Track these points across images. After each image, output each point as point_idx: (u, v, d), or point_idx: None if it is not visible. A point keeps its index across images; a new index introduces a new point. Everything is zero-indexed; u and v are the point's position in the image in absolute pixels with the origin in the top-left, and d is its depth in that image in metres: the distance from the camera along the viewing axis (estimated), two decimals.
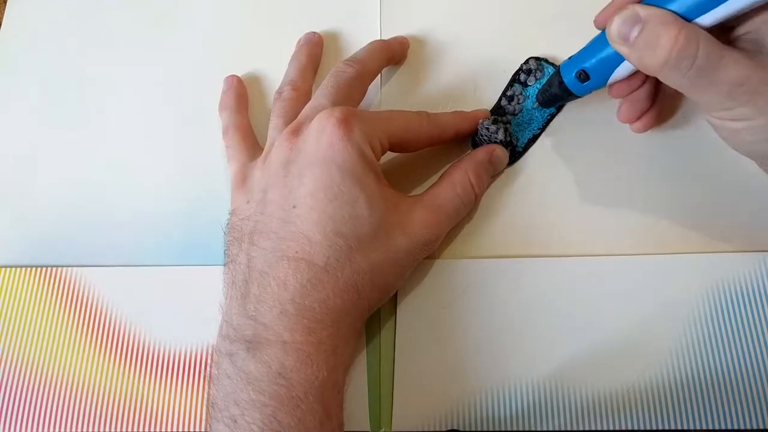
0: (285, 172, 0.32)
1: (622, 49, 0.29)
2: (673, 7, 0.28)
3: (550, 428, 0.32)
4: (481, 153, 0.36)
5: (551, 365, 0.33)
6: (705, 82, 0.27)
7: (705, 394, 0.32)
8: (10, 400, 0.35)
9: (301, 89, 0.38)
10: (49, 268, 0.37)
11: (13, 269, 0.37)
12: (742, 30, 0.28)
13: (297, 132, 0.33)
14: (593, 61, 0.32)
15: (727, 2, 0.27)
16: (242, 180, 0.35)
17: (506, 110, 0.38)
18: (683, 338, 0.33)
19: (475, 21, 0.42)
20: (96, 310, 0.36)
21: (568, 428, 0.32)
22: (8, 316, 0.36)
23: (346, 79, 0.36)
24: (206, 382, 0.34)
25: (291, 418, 0.27)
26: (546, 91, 0.35)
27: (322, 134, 0.31)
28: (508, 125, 0.37)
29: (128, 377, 0.35)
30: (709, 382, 0.32)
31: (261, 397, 0.28)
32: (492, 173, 0.36)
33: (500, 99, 0.39)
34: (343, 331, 0.30)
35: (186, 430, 0.34)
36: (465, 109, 0.38)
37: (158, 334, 0.36)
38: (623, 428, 0.32)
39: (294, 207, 0.31)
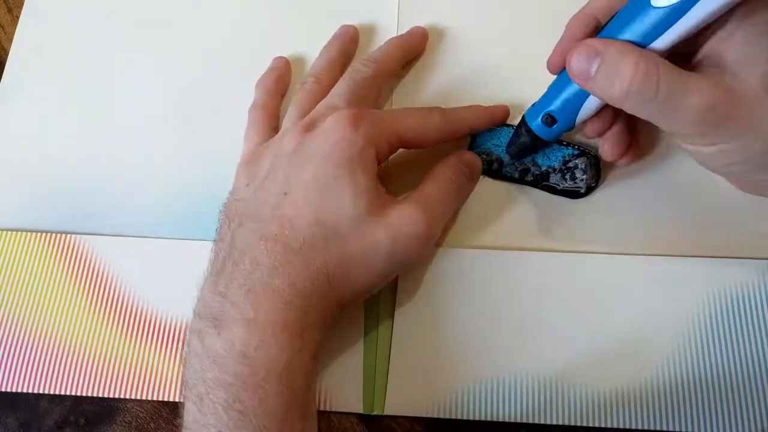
0: (288, 162, 0.32)
1: (585, 85, 0.29)
2: (626, 36, 0.27)
3: (542, 422, 0.32)
4: (454, 156, 0.36)
5: (547, 359, 0.33)
6: (672, 110, 0.27)
7: (701, 399, 0.32)
8: (11, 356, 0.36)
9: (324, 84, 0.38)
10: (58, 234, 0.38)
11: (23, 233, 0.38)
12: (701, 54, 0.28)
13: (309, 128, 0.33)
14: (557, 102, 0.31)
15: (677, 23, 0.26)
16: (250, 161, 0.35)
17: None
18: (682, 340, 0.33)
19: (497, 13, 0.41)
20: (101, 277, 0.37)
21: (562, 423, 0.32)
22: (16, 277, 0.37)
23: (362, 78, 0.36)
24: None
25: (253, 398, 0.27)
26: (514, 141, 0.35)
27: (329, 135, 0.32)
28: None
29: (129, 344, 0.35)
30: (707, 387, 0.32)
31: (225, 376, 0.28)
32: (469, 175, 0.36)
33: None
34: (311, 317, 0.30)
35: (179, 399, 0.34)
36: (483, 103, 0.38)
37: (160, 304, 0.36)
38: (617, 426, 0.32)
39: (285, 194, 0.31)
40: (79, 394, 0.35)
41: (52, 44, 0.44)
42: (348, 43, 0.41)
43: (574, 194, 0.36)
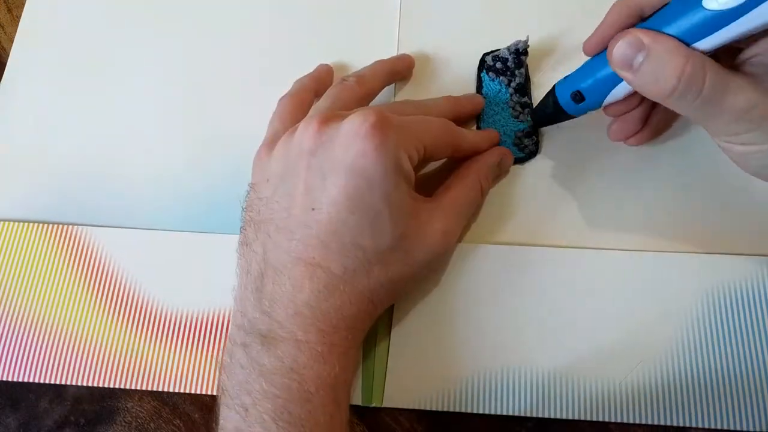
0: (307, 163, 0.30)
1: (625, 75, 0.28)
2: (672, 32, 0.27)
3: (542, 416, 0.32)
4: (493, 157, 0.36)
5: (546, 353, 0.33)
6: (710, 111, 0.27)
7: (701, 394, 0.32)
8: (14, 346, 0.36)
9: (365, 86, 0.36)
10: (60, 225, 0.38)
11: (25, 224, 0.38)
12: (749, 53, 0.28)
13: (327, 123, 0.30)
14: (589, 82, 0.31)
15: (726, 28, 0.26)
16: (270, 147, 0.33)
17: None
18: (682, 336, 0.33)
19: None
20: (103, 268, 0.37)
21: (561, 417, 0.32)
22: (18, 268, 0.37)
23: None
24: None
25: (302, 410, 0.28)
26: (540, 110, 0.35)
27: (354, 140, 0.29)
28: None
29: (131, 335, 0.35)
30: (707, 382, 0.32)
31: (273, 389, 0.28)
32: (498, 176, 0.37)
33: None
34: (355, 335, 0.30)
35: (180, 390, 0.34)
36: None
37: (162, 296, 0.36)
38: (616, 421, 0.32)
39: (313, 210, 0.30)
40: (80, 384, 0.35)
41: (52, 44, 0.44)
42: (399, 65, 0.39)
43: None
